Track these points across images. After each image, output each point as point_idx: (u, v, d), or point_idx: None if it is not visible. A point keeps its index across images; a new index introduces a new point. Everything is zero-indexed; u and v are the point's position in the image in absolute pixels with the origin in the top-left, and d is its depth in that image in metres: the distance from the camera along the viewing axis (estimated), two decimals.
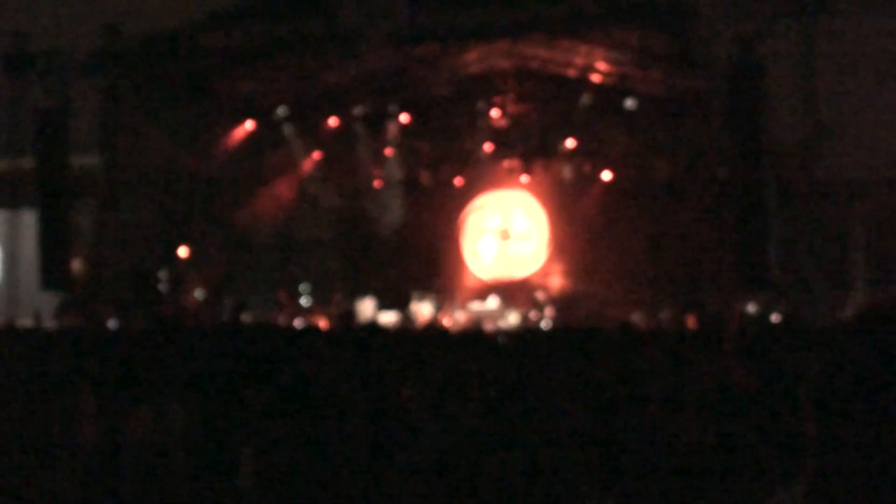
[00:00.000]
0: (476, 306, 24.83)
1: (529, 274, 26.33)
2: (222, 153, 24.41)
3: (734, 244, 20.58)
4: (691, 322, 17.21)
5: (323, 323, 22.74)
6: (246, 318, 20.36)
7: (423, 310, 24.13)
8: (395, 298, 24.62)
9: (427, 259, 26.06)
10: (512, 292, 25.65)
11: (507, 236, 27.06)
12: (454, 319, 23.87)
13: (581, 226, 25.58)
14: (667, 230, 24.29)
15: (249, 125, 24.68)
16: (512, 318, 23.54)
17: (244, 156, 25.12)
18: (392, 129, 25.16)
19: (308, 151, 26.01)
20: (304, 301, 25.37)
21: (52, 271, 21.67)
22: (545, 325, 22.76)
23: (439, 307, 24.39)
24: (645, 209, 24.99)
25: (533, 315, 23.86)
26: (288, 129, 25.17)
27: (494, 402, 7.21)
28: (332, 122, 25.06)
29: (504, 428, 6.62)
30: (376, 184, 26.80)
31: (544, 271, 26.14)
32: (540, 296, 24.47)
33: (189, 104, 23.61)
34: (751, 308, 20.16)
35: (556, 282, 25.48)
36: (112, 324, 18.21)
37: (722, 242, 21.64)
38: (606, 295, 24.13)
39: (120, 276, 22.45)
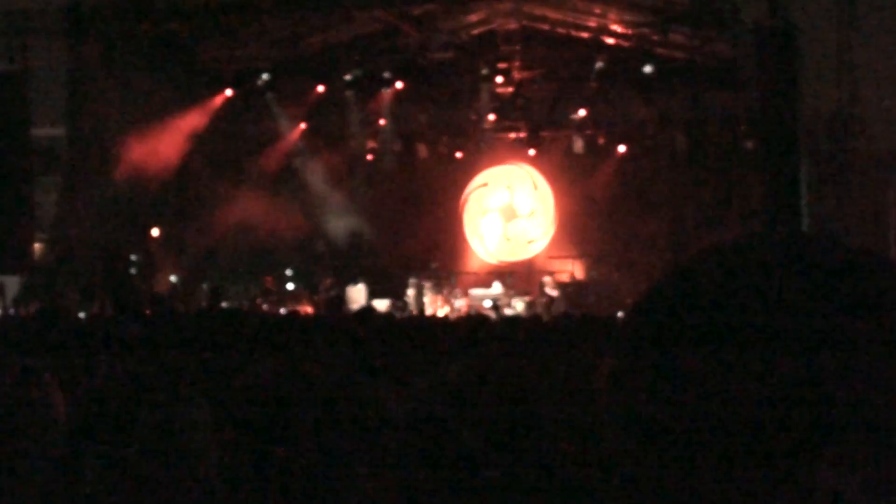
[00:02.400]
0: (479, 292, 24.66)
1: (535, 255, 26.25)
2: (199, 124, 24.11)
3: (763, 222, 20.36)
4: None
5: (309, 310, 22.56)
6: (225, 304, 20.18)
7: (420, 296, 23.95)
8: (389, 284, 24.44)
9: (424, 240, 25.85)
10: (518, 276, 25.50)
11: (513, 215, 26.88)
12: (454, 307, 23.68)
13: (593, 204, 25.40)
14: (688, 208, 24.13)
15: (229, 93, 24.37)
16: (519, 306, 23.36)
17: (223, 127, 24.82)
18: (385, 98, 24.89)
19: (293, 122, 25.74)
20: (290, 287, 25.20)
21: (11, 254, 21.40)
22: (553, 312, 22.54)
23: (438, 293, 24.20)
24: (663, 186, 24.87)
25: (540, 301, 23.65)
26: (271, 98, 24.89)
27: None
28: (320, 89, 24.77)
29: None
30: (368, 157, 26.59)
31: (551, 253, 26.00)
32: (547, 280, 24.29)
33: (162, 70, 23.30)
34: None
35: (565, 265, 25.34)
36: (78, 311, 17.96)
37: (750, 220, 21.43)
38: (619, 279, 24.00)
39: (86, 259, 22.19)
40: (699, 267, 1.09)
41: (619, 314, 15.73)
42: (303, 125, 25.92)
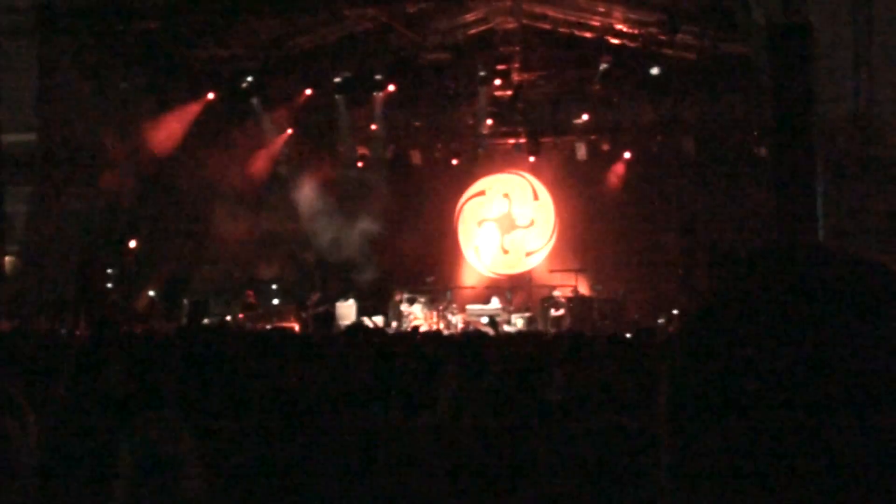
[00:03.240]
0: (475, 308, 24.60)
1: (534, 268, 26.20)
2: (179, 129, 24.03)
3: (777, 231, 20.31)
4: None
5: (296, 327, 22.46)
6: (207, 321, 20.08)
7: (413, 312, 23.89)
8: (380, 299, 24.39)
9: (418, 253, 25.82)
10: (517, 291, 25.46)
11: (511, 226, 26.84)
12: (450, 322, 23.63)
13: (597, 214, 25.36)
14: (698, 217, 24.10)
15: (211, 96, 24.30)
16: (519, 323, 23.32)
17: (205, 132, 24.75)
18: (377, 101, 24.86)
19: (279, 127, 25.70)
20: (275, 302, 25.15)
21: None
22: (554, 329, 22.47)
23: (432, 309, 24.15)
24: (672, 194, 24.83)
25: (540, 317, 23.62)
26: (256, 102, 24.83)
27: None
28: (307, 93, 24.71)
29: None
30: (359, 164, 26.55)
31: (552, 266, 25.94)
32: (547, 295, 24.25)
33: (140, 73, 23.25)
34: None
35: (567, 279, 25.23)
36: (48, 329, 17.84)
37: (763, 231, 21.39)
38: (626, 294, 23.95)
39: (59, 273, 22.09)
40: (754, 279, 1.12)
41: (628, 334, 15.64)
42: (290, 130, 25.89)
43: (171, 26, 22.03)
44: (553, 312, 23.73)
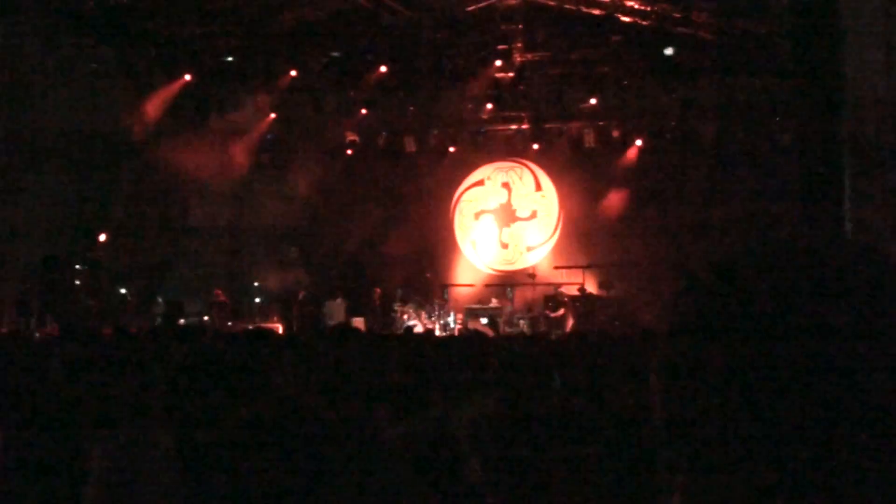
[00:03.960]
0: (475, 307, 24.67)
1: (536, 265, 26.19)
2: (153, 114, 24.04)
3: (801, 224, 20.33)
4: None
5: (279, 327, 22.49)
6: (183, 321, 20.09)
7: (407, 311, 23.95)
8: (370, 297, 24.44)
9: (412, 247, 25.85)
10: (517, 289, 25.50)
11: (511, 218, 26.87)
12: (446, 323, 23.67)
13: (606, 206, 25.40)
14: (716, 210, 24.07)
15: (188, 78, 24.28)
16: (522, 323, 23.39)
17: (181, 117, 24.74)
18: (368, 84, 24.86)
19: (261, 111, 25.69)
20: (258, 300, 25.18)
21: None
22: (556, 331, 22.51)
23: (427, 308, 24.19)
24: (687, 184, 24.82)
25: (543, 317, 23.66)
26: (235, 84, 24.83)
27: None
28: (292, 74, 24.70)
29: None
30: (348, 152, 26.56)
31: (556, 262, 25.96)
32: (551, 294, 24.28)
33: (110, 52, 23.23)
34: None
35: (572, 276, 25.22)
36: (12, 329, 17.88)
37: (786, 223, 21.42)
38: (637, 293, 23.91)
39: (23, 271, 22.09)
40: (735, 265, 1.22)
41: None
42: (273, 115, 25.87)
43: (142, 1, 21.99)
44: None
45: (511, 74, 24.44)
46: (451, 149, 26.54)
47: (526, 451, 6.83)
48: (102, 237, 23.86)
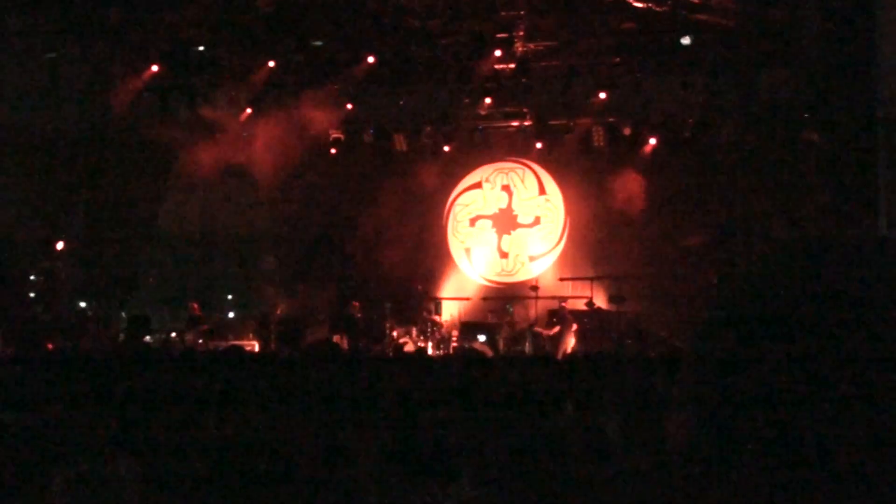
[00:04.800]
0: (472, 323, 24.68)
1: (539, 276, 26.18)
2: (117, 108, 24.07)
3: (833, 220, 20.40)
4: None
5: (256, 345, 22.53)
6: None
7: (396, 328, 23.97)
8: (352, 313, 24.42)
9: (401, 256, 25.88)
10: (518, 303, 25.49)
11: (512, 224, 26.89)
12: (439, 341, 23.68)
13: (616, 212, 25.38)
14: (738, 215, 24.09)
15: (155, 69, 24.30)
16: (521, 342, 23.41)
17: (148, 112, 24.77)
18: (354, 76, 24.86)
19: (236, 106, 25.70)
20: (231, 315, 25.19)
21: None
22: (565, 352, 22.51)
23: (416, 324, 24.20)
24: (706, 187, 24.78)
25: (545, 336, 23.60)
26: (207, 76, 24.84)
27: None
28: (270, 65, 24.73)
29: None
30: (332, 151, 26.56)
31: (562, 274, 25.96)
32: (556, 308, 24.24)
33: (74, 40, 23.26)
34: None
35: (579, 290, 25.19)
36: None
37: (817, 221, 21.46)
38: (652, 308, 23.87)
39: None
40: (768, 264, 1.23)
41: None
42: (248, 110, 25.89)
43: None
44: (543, 331, 23.64)
45: (512, 66, 24.41)
46: (446, 148, 26.55)
47: None
48: (60, 245, 23.88)
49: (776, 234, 22.84)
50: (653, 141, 25.30)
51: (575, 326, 23.21)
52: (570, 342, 22.92)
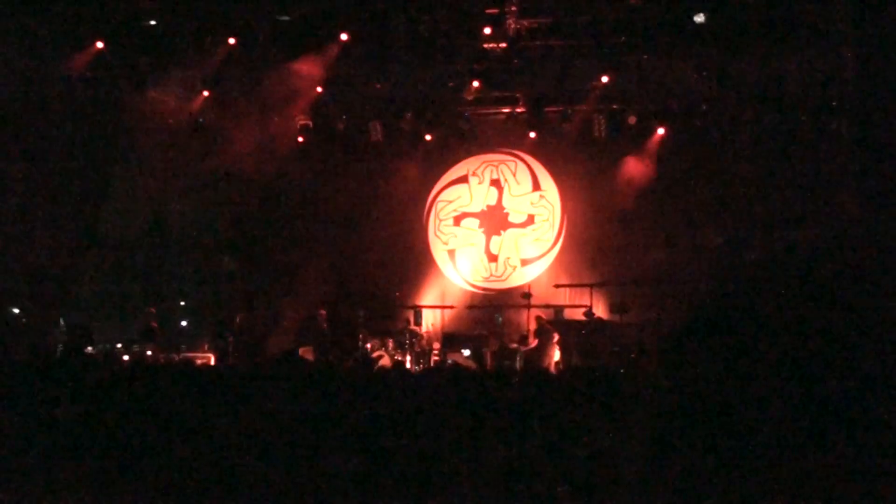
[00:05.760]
0: (453, 334, 24.71)
1: (531, 282, 26.21)
2: (55, 89, 24.03)
3: (859, 223, 20.49)
4: None
5: (210, 357, 22.52)
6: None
7: (371, 339, 23.98)
8: (319, 322, 24.39)
9: (376, 258, 25.91)
10: (508, 312, 25.50)
11: (501, 224, 26.88)
12: (419, 354, 23.68)
13: (619, 210, 25.41)
14: (756, 214, 24.05)
15: (100, 46, 24.23)
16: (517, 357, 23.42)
17: (91, 95, 24.74)
18: (325, 55, 24.78)
19: (191, 88, 25.63)
20: (184, 324, 25.14)
21: None
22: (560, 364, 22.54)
23: (393, 335, 24.21)
24: (720, 183, 24.77)
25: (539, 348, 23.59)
26: (159, 54, 24.77)
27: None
28: (230, 42, 24.65)
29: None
30: (299, 139, 26.52)
31: (558, 279, 25.94)
32: (556, 319, 24.26)
33: (5, 12, 23.21)
34: None
35: (577, 298, 25.19)
36: None
37: (840, 224, 21.54)
38: (660, 318, 23.81)
39: None
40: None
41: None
42: (205, 93, 25.81)
43: None
44: (519, 346, 23.64)
45: (503, 45, 24.30)
46: (427, 137, 26.59)
47: None
48: None
49: (801, 235, 22.85)
50: (661, 131, 25.29)
51: (556, 337, 23.15)
52: (555, 356, 22.92)
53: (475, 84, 25.14)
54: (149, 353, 22.44)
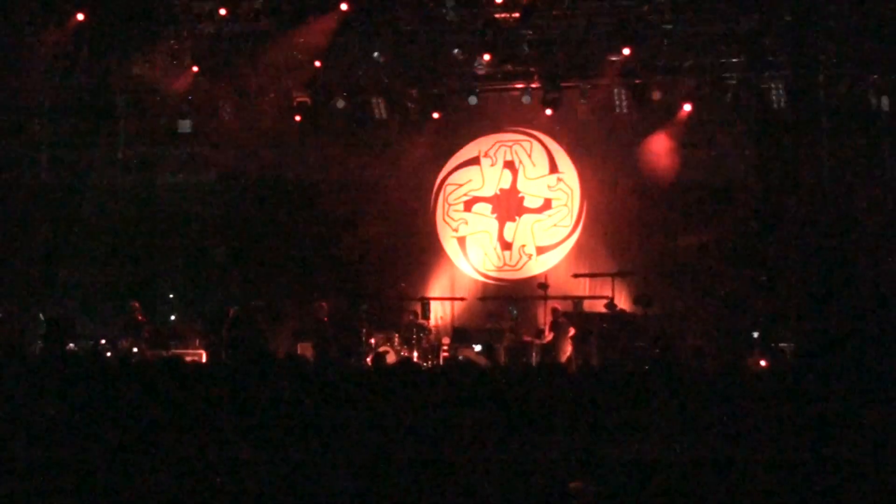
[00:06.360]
0: (463, 329, 24.68)
1: (548, 272, 26.14)
2: (32, 65, 23.99)
3: None
4: None
5: (202, 354, 22.49)
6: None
7: (376, 334, 23.95)
8: (319, 316, 24.35)
9: (380, 246, 25.87)
10: (523, 304, 25.44)
11: (516, 209, 26.81)
12: (427, 350, 23.65)
13: (643, 194, 25.33)
14: (792, 200, 23.93)
15: (81, 18, 24.18)
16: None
17: (71, 70, 24.71)
18: (323, 27, 24.72)
19: (179, 62, 25.55)
20: (172, 318, 25.13)
21: None
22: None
23: (399, 330, 24.18)
24: (753, 165, 24.69)
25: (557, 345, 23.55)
26: (144, 26, 24.71)
27: None
28: (221, 13, 24.56)
29: None
30: (296, 118, 26.46)
31: (577, 268, 25.84)
32: (572, 311, 24.18)
33: None
34: None
35: (597, 288, 25.09)
36: None
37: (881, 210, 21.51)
38: (686, 310, 23.77)
39: None
40: None
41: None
42: (195, 68, 25.75)
43: None
44: (536, 340, 23.62)
45: (516, 15, 24.23)
46: (435, 115, 26.47)
47: None
48: None
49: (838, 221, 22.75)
50: (687, 107, 25.10)
51: (571, 332, 23.09)
52: (567, 351, 22.89)
53: (486, 57, 25.04)
54: (135, 349, 22.34)
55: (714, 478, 8.03)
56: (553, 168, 26.77)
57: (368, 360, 22.50)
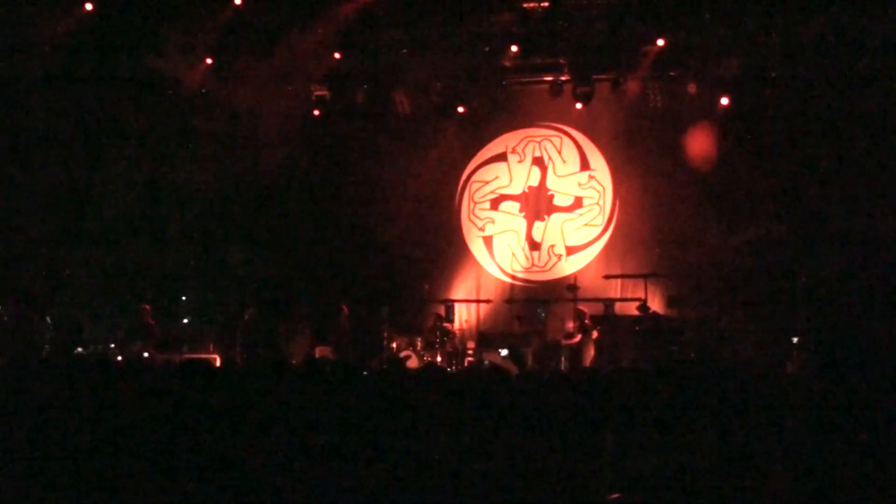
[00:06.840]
0: (489, 333, 24.76)
1: (578, 272, 26.21)
2: (38, 55, 24.15)
3: None
4: None
5: (217, 358, 22.62)
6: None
7: (398, 338, 24.05)
8: (340, 320, 24.46)
9: (403, 247, 25.97)
10: (553, 305, 25.49)
11: (546, 208, 26.85)
12: (452, 354, 23.74)
13: (678, 192, 25.36)
14: (836, 197, 23.89)
15: (89, 8, 24.31)
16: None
17: (79, 63, 24.84)
18: (342, 16, 24.78)
19: (193, 55, 25.65)
20: (186, 321, 25.24)
21: None
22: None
23: (422, 333, 24.27)
24: (796, 162, 24.60)
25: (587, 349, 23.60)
26: (157, 17, 24.83)
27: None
28: (235, 3, 24.65)
29: None
30: (315, 113, 26.55)
31: (608, 270, 25.89)
32: (600, 314, 24.22)
33: None
34: None
35: (629, 290, 25.13)
36: None
37: None
38: (722, 313, 23.74)
39: None
40: None
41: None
42: (209, 61, 25.87)
43: None
44: (566, 341, 23.66)
45: (545, 4, 24.25)
46: (460, 109, 26.61)
47: None
48: None
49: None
50: (724, 101, 25.10)
51: (595, 335, 23.17)
52: (591, 354, 22.97)
53: (514, 49, 25.11)
54: (145, 354, 22.45)
55: (753, 484, 8.15)
56: (584, 165, 26.85)
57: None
